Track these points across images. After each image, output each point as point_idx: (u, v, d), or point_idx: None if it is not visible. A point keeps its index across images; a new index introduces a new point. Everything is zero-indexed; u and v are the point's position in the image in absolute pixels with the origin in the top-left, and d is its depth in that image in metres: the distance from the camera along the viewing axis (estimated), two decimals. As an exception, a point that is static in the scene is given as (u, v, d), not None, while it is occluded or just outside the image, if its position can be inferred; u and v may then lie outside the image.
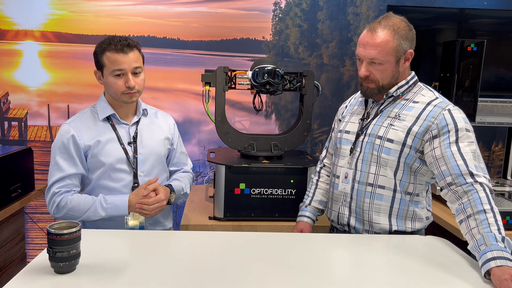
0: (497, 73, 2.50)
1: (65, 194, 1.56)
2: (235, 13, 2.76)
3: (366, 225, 1.51)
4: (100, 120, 1.63)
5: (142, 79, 1.60)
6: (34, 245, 2.79)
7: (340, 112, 1.74)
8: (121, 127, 1.65)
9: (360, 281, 1.13)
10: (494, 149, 2.98)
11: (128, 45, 1.53)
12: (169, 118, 1.83)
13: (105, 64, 1.54)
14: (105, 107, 1.64)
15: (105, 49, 1.53)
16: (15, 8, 2.62)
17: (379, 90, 1.48)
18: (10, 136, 2.77)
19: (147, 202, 1.53)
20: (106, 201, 1.55)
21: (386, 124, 1.47)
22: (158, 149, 1.70)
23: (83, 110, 1.69)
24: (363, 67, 1.46)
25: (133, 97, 1.59)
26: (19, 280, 1.05)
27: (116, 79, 1.55)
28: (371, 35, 1.42)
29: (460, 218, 1.31)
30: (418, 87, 1.52)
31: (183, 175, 1.80)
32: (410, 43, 1.45)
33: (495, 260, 1.13)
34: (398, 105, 1.50)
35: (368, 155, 1.49)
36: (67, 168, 1.56)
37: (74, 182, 1.59)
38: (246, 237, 1.47)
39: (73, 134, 1.57)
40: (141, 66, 1.59)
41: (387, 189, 1.47)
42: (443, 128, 1.39)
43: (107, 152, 1.59)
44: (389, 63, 1.43)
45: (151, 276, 1.10)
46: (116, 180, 1.61)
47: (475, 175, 1.32)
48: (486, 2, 2.81)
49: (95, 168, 1.60)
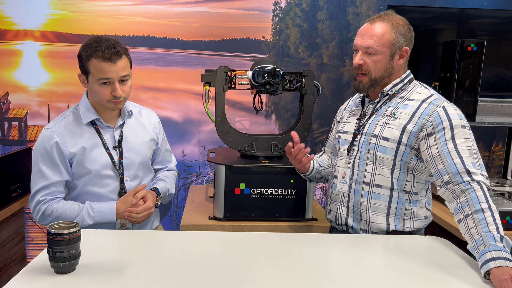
0: (497, 73, 2.50)
1: (50, 202, 1.52)
2: (235, 13, 2.76)
3: (364, 225, 1.51)
4: (84, 124, 1.57)
5: (129, 86, 1.54)
6: (34, 245, 2.79)
7: (339, 114, 1.76)
8: (105, 131, 1.60)
9: (360, 281, 1.13)
10: (494, 149, 2.98)
11: (116, 53, 1.45)
12: (153, 116, 1.78)
13: (91, 71, 1.47)
14: (88, 111, 1.57)
15: (92, 55, 1.44)
16: (15, 8, 2.62)
17: (372, 83, 1.49)
18: (10, 136, 2.77)
19: (136, 210, 1.52)
20: (93, 209, 1.53)
21: (382, 122, 1.48)
22: (143, 152, 1.67)
23: (65, 113, 1.61)
24: (357, 56, 1.49)
25: (119, 105, 1.54)
26: (19, 280, 1.05)
27: (102, 87, 1.48)
28: (370, 25, 1.47)
29: (459, 218, 1.31)
30: (413, 85, 1.53)
31: (168, 175, 1.79)
32: (407, 41, 1.47)
33: (494, 260, 1.13)
34: (393, 103, 1.50)
35: (364, 154, 1.50)
36: (51, 175, 1.51)
37: (59, 189, 1.55)
38: (246, 237, 1.47)
39: (57, 141, 1.51)
40: (129, 74, 1.52)
41: (384, 188, 1.48)
42: (438, 125, 1.39)
43: (93, 158, 1.55)
44: (384, 55, 1.45)
45: (151, 276, 1.10)
46: (103, 186, 1.58)
47: (472, 173, 1.32)
48: (486, 2, 2.81)
49: (80, 174, 1.56)
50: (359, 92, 1.57)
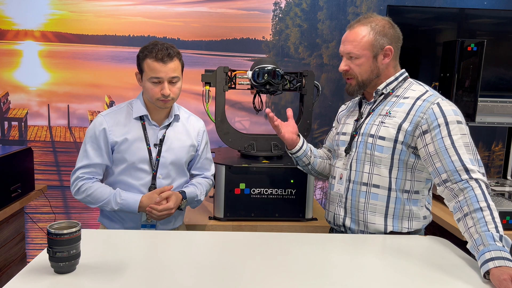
0: (497, 73, 2.50)
1: (87, 181, 1.65)
2: (235, 13, 2.77)
3: (361, 226, 1.51)
4: (133, 118, 1.68)
5: (179, 87, 1.65)
6: (34, 245, 2.79)
7: (339, 115, 1.76)
8: (151, 128, 1.70)
9: (359, 281, 1.13)
10: (494, 149, 2.98)
11: (168, 55, 1.58)
12: (200, 123, 1.84)
13: (145, 70, 1.60)
14: (140, 107, 1.69)
15: (147, 55, 1.58)
16: (15, 8, 2.62)
17: (360, 86, 1.52)
18: (10, 136, 2.77)
19: (156, 208, 1.61)
20: (121, 197, 1.63)
21: (378, 122, 1.49)
22: (180, 155, 1.73)
23: (120, 104, 1.74)
24: (342, 62, 1.53)
25: (167, 104, 1.64)
26: (19, 280, 1.05)
27: (153, 86, 1.60)
28: (349, 32, 1.51)
29: (458, 217, 1.31)
30: (408, 82, 1.53)
31: (201, 181, 1.82)
32: (389, 39, 1.48)
33: (493, 260, 1.13)
34: (389, 102, 1.51)
35: (361, 154, 1.50)
36: (93, 157, 1.65)
37: (98, 171, 1.67)
38: (246, 237, 1.47)
39: (105, 128, 1.64)
40: (179, 76, 1.64)
41: (382, 188, 1.47)
42: (433, 122, 1.39)
43: (133, 150, 1.66)
44: (366, 57, 1.47)
45: (151, 276, 1.10)
46: (136, 178, 1.67)
47: (470, 171, 1.31)
48: (486, 2, 2.81)
49: (118, 162, 1.67)
50: (350, 95, 1.60)
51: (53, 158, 2.81)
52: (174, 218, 1.77)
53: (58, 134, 2.79)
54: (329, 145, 1.79)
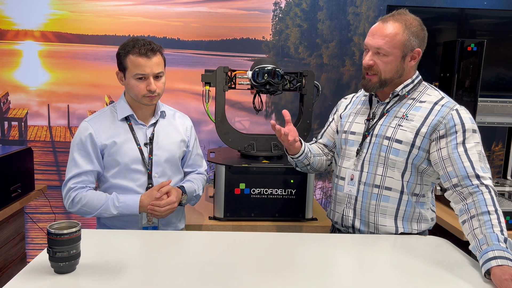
0: (497, 73, 2.50)
1: (80, 190, 1.60)
2: (235, 13, 2.76)
3: (372, 228, 1.49)
4: (119, 119, 1.65)
5: (163, 82, 1.63)
6: (34, 245, 2.79)
7: (342, 106, 1.69)
8: (138, 128, 1.67)
9: (360, 281, 1.13)
10: (494, 149, 2.98)
11: (152, 50, 1.55)
12: (186, 119, 1.83)
13: (128, 67, 1.57)
14: (124, 107, 1.66)
15: (129, 52, 1.55)
16: (15, 8, 2.62)
17: (381, 84, 1.45)
18: (10, 136, 2.77)
19: (159, 204, 1.57)
20: (118, 200, 1.59)
21: (394, 124, 1.45)
22: (173, 151, 1.71)
23: (104, 108, 1.71)
24: (368, 56, 1.44)
25: (153, 100, 1.62)
26: (19, 280, 1.05)
27: (138, 82, 1.57)
28: (382, 25, 1.41)
29: (464, 219, 1.30)
30: (423, 86, 1.51)
31: (196, 177, 1.82)
32: (420, 42, 1.43)
33: (496, 259, 1.12)
34: (405, 104, 1.48)
35: (375, 156, 1.47)
36: (83, 164, 1.60)
37: (90, 178, 1.63)
38: (246, 237, 1.47)
39: (91, 133, 1.60)
40: (163, 71, 1.61)
41: (394, 190, 1.46)
42: (451, 128, 1.38)
43: (123, 152, 1.62)
44: (395, 56, 1.41)
45: (151, 276, 1.10)
46: (131, 179, 1.64)
47: (481, 177, 1.32)
48: (486, 2, 2.81)
49: (110, 166, 1.63)
50: (367, 91, 1.52)
51: (53, 158, 2.81)
52: (177, 220, 1.76)
53: (58, 134, 2.79)
54: (327, 141, 1.73)
